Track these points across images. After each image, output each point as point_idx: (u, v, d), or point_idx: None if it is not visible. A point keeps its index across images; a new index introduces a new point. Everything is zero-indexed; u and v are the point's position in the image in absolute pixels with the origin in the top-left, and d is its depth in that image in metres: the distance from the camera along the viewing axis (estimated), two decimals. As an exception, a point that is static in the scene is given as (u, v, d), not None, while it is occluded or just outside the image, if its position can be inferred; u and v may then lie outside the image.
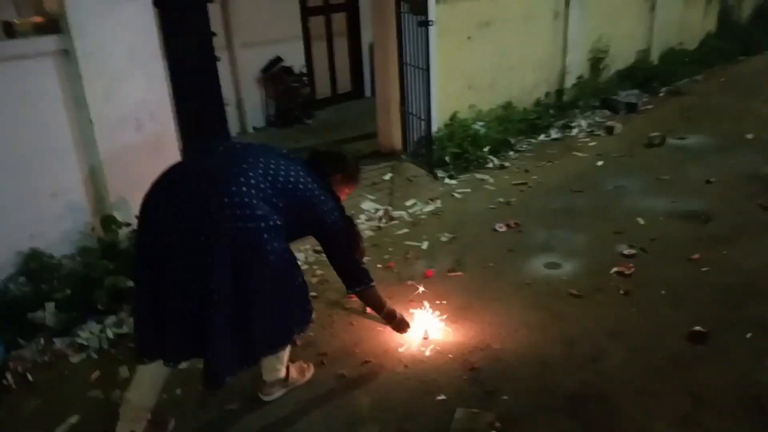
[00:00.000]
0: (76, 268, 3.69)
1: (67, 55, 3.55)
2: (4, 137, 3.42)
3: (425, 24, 5.08)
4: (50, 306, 3.42)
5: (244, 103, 7.43)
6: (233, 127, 7.14)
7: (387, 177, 5.51)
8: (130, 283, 3.51)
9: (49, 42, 3.50)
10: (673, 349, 3.02)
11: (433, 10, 5.30)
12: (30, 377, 3.08)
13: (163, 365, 2.39)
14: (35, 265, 3.57)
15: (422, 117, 5.44)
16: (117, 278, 3.60)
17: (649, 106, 7.78)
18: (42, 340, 3.31)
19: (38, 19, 3.56)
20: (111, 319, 3.53)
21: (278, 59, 7.67)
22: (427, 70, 5.18)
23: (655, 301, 3.46)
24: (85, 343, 3.36)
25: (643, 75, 8.43)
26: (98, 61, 3.63)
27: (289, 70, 7.71)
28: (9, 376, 3.06)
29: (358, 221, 4.70)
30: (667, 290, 3.56)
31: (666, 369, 2.88)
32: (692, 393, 2.71)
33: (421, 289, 3.59)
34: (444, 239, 4.41)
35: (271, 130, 7.60)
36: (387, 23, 5.58)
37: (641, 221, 4.49)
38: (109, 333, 3.42)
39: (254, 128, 7.59)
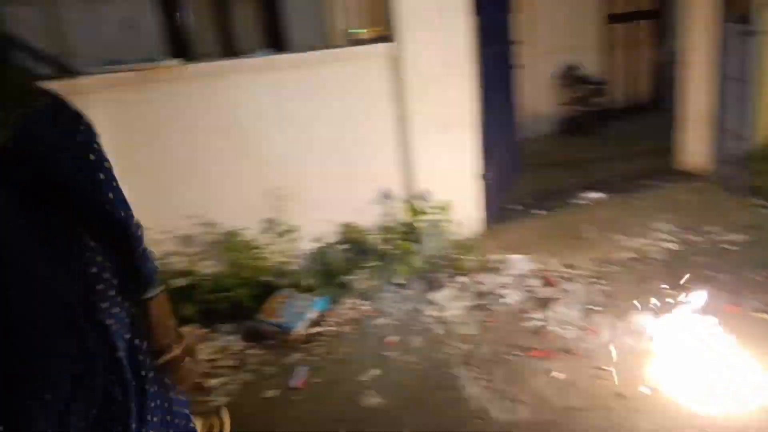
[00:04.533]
0: (382, 244, 4.24)
1: (394, 60, 4.09)
2: (340, 125, 4.13)
3: (751, 34, 4.58)
4: (362, 273, 4.00)
5: (536, 110, 7.55)
6: (525, 133, 7.28)
7: (684, 198, 5.12)
8: (423, 264, 3.98)
9: (382, 48, 4.10)
10: None
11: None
12: (343, 329, 3.66)
13: None
14: (351, 237, 4.20)
15: (739, 134, 4.92)
16: (414, 258, 4.06)
17: None
18: (353, 301, 3.89)
19: (375, 29, 4.19)
20: (406, 292, 3.98)
21: (574, 67, 7.62)
22: (749, 83, 4.67)
23: None
24: (386, 309, 3.85)
25: None
26: (418, 66, 4.13)
27: (584, 78, 7.60)
28: (325, 324, 3.68)
29: (650, 240, 4.47)
30: None
31: None
32: None
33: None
34: (753, 276, 3.93)
35: (559, 139, 7.59)
36: (699, 31, 5.15)
37: None
38: (406, 306, 3.86)
39: (544, 135, 7.65)
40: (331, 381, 3.18)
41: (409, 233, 4.27)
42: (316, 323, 3.64)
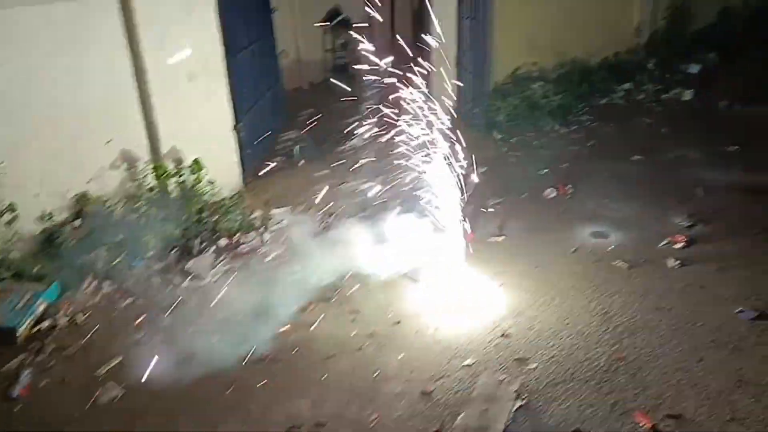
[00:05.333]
0: (127, 213, 3.84)
1: (123, 1, 3.61)
2: (66, 80, 3.55)
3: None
4: (101, 250, 3.59)
5: (302, 56, 7.39)
6: (293, 81, 7.07)
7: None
8: (178, 231, 3.69)
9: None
10: (718, 327, 2.88)
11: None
12: (81, 318, 3.25)
13: None
14: (89, 210, 3.73)
15: (477, 74, 5.27)
16: (166, 225, 3.74)
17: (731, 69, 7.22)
18: (93, 284, 3.48)
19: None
20: (159, 265, 3.67)
21: (336, 11, 7.55)
22: (484, 23, 4.99)
23: (706, 277, 3.29)
24: (133, 287, 3.50)
25: (724, 35, 7.82)
26: (154, 9, 3.68)
27: (347, 23, 7.59)
28: (60, 315, 3.24)
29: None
30: (720, 266, 3.37)
31: (708, 348, 2.75)
32: (734, 374, 2.58)
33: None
34: (490, 203, 4.30)
35: (327, 86, 7.53)
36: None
37: (701, 193, 4.24)
38: (156, 279, 3.56)
39: (311, 83, 7.55)
40: (62, 381, 2.80)
41: (159, 199, 3.92)
42: (44, 317, 3.18)
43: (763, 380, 2.54)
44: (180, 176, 4.00)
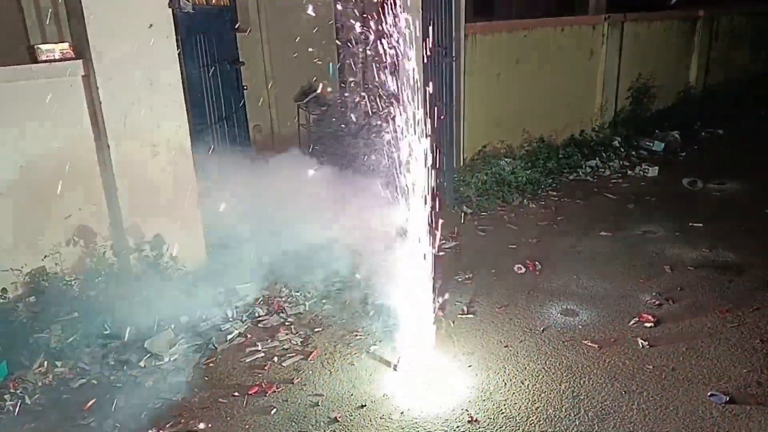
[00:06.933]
0: (86, 291, 3.71)
1: (87, 80, 3.63)
2: (28, 155, 3.52)
3: (450, 59, 5.05)
4: (55, 328, 3.44)
5: (276, 130, 7.46)
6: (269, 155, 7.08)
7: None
8: (138, 308, 3.56)
9: (71, 67, 3.59)
10: (690, 413, 2.81)
11: (461, 47, 5.27)
12: (28, 400, 3.07)
13: None
14: (44, 286, 3.61)
15: (446, 151, 5.36)
16: (125, 303, 3.61)
17: (693, 147, 7.50)
18: (45, 363, 3.31)
19: (63, 45, 3.65)
20: (116, 343, 3.51)
21: (311, 87, 7.69)
22: (450, 104, 5.13)
23: (676, 357, 3.25)
24: (86, 367, 3.35)
25: (685, 114, 8.17)
26: (117, 86, 3.69)
27: (319, 100, 7.73)
28: (7, 397, 3.06)
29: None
30: (690, 346, 3.34)
31: (680, 434, 2.69)
32: (707, 463, 2.50)
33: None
34: (459, 278, 4.27)
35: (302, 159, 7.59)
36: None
37: (668, 269, 4.26)
38: (111, 359, 3.40)
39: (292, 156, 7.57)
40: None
41: (118, 275, 3.81)
42: (-14, 400, 3.00)
43: (737, 468, 2.47)
44: (141, 252, 3.90)
